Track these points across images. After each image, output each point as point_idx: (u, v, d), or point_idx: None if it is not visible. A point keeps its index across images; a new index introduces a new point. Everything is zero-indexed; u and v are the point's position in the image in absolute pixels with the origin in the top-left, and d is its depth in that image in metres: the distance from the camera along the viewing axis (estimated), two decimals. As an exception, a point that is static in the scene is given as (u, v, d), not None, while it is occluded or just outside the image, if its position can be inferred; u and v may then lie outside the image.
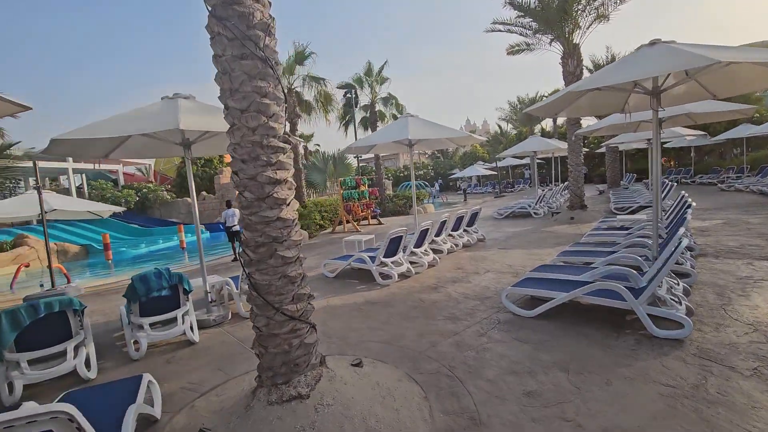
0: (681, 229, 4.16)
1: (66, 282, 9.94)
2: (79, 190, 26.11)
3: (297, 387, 2.62)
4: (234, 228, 10.44)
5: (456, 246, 8.47)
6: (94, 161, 26.76)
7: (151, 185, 26.41)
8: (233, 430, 2.55)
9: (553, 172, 20.79)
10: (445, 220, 8.35)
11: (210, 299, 5.37)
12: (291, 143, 2.69)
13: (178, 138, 4.96)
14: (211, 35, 2.54)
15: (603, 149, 22.12)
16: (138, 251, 17.82)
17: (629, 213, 11.57)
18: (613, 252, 5.81)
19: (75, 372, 3.79)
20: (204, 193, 24.44)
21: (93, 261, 16.24)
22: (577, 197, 12.29)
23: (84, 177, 28.00)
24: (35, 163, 8.31)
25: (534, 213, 13.38)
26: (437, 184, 36.05)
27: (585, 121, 15.04)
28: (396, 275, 6.40)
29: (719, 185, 17.21)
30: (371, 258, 6.56)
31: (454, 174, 37.13)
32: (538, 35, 12.94)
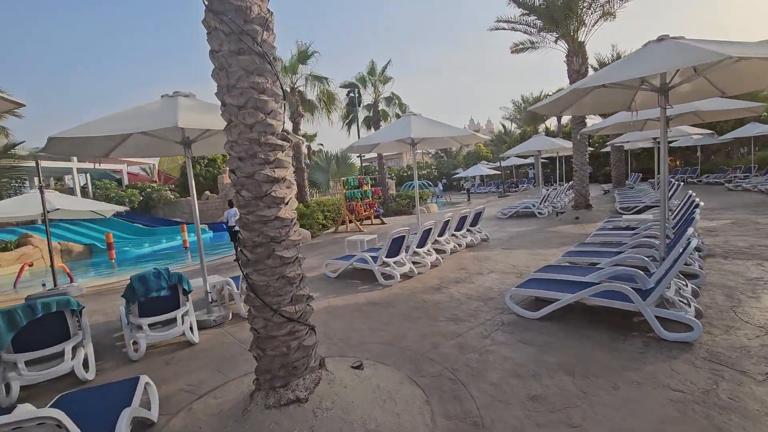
0: (690, 229, 4.07)
1: (69, 281, 9.95)
2: (84, 189, 26.22)
3: (295, 391, 2.56)
4: (236, 228, 10.43)
5: (459, 246, 8.39)
6: (98, 161, 26.82)
7: (155, 185, 26.47)
8: (230, 434, 2.50)
9: (558, 171, 20.61)
10: (449, 219, 8.27)
11: (210, 299, 5.32)
12: (290, 141, 2.62)
13: (178, 137, 4.91)
14: (208, 30, 2.48)
15: (608, 148, 21.97)
16: (141, 251, 17.85)
17: (635, 213, 11.43)
18: (619, 252, 5.72)
19: (73, 373, 3.74)
20: (207, 193, 24.47)
21: (96, 260, 16.27)
22: (582, 197, 12.16)
23: (88, 176, 28.11)
24: (38, 163, 8.31)
25: (538, 213, 13.27)
26: (441, 183, 35.93)
27: (589, 120, 14.89)
28: (398, 275, 6.33)
29: (726, 185, 17.01)
30: (373, 258, 6.49)
31: (457, 174, 37.01)
32: (542, 33, 12.82)
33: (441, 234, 8.09)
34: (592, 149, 20.92)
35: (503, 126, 38.12)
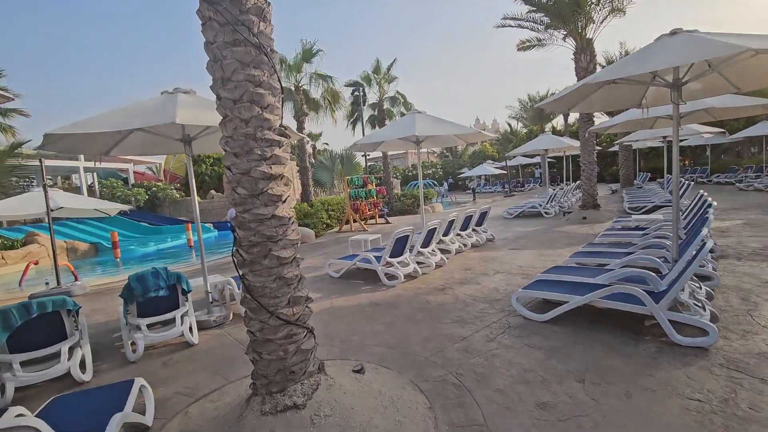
0: (704, 230, 3.92)
1: (73, 280, 9.93)
2: (91, 188, 26.35)
3: (292, 396, 2.46)
4: None
5: (464, 246, 8.25)
6: (100, 159, 26.97)
7: (161, 184, 26.55)
8: (225, 441, 2.40)
9: (565, 171, 20.36)
10: (454, 219, 8.13)
11: (211, 299, 5.24)
12: (287, 136, 2.52)
13: (178, 134, 4.83)
14: (202, 20, 2.38)
15: (616, 148, 21.69)
16: (146, 249, 17.86)
17: (644, 213, 11.23)
18: (629, 253, 5.57)
19: (69, 374, 3.67)
20: (212, 192, 24.48)
21: (102, 259, 16.30)
22: (590, 196, 11.96)
23: (95, 175, 28.28)
24: (41, 161, 8.30)
25: (545, 213, 13.09)
26: (446, 183, 35.72)
27: (596, 119, 14.67)
28: (402, 276, 6.22)
29: (737, 185, 16.70)
30: (377, 258, 6.38)
31: (463, 173, 36.79)
32: (549, 30, 12.63)
33: (446, 234, 7.96)
34: (599, 148, 20.66)
35: (509, 125, 37.86)
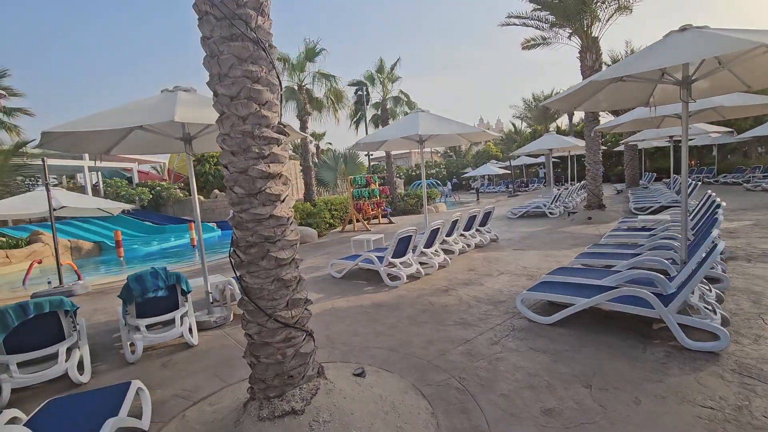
0: (715, 230, 3.82)
1: (77, 279, 9.92)
2: (95, 187, 26.45)
3: (291, 401, 2.39)
4: None
5: (468, 246, 8.17)
6: (109, 159, 27.08)
7: (165, 183, 26.60)
8: (221, 447, 2.34)
9: (569, 170, 20.21)
10: (457, 219, 8.05)
11: (211, 300, 5.19)
12: (286, 134, 2.45)
13: (178, 132, 4.78)
14: (199, 15, 2.32)
15: (621, 147, 21.49)
16: (150, 248, 17.88)
17: (650, 213, 11.09)
18: (636, 254, 5.46)
19: (67, 375, 3.62)
20: (216, 191, 24.50)
21: (105, 258, 16.33)
22: (595, 196, 11.84)
23: (99, 175, 28.38)
24: (44, 160, 8.29)
25: (549, 213, 12.97)
26: (449, 182, 35.58)
27: (602, 119, 14.49)
28: (405, 276, 6.14)
29: (745, 185, 16.47)
30: (379, 258, 6.31)
31: (466, 173, 36.64)
32: (555, 29, 12.52)
33: (449, 234, 7.88)
34: (604, 148, 20.44)
35: (513, 125, 37.65)
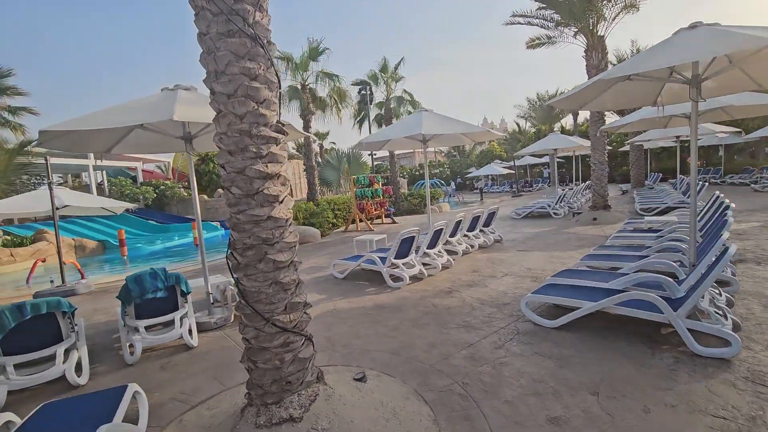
0: (725, 233, 3.72)
1: (80, 278, 9.92)
2: (100, 186, 26.55)
3: (288, 408, 2.33)
4: None
5: (471, 247, 8.08)
6: (113, 157, 27.15)
7: (169, 182, 26.66)
8: (217, 454, 2.28)
9: (574, 170, 20.04)
10: (461, 219, 7.97)
11: (212, 300, 5.14)
12: (285, 133, 2.39)
13: (179, 131, 4.74)
14: (195, 11, 2.26)
15: (626, 147, 21.30)
16: (153, 247, 17.90)
17: (656, 214, 10.96)
18: (643, 257, 5.37)
19: (65, 377, 3.58)
20: (220, 191, 24.50)
21: (109, 257, 16.36)
22: (600, 197, 11.70)
23: (104, 174, 28.50)
24: (47, 159, 8.28)
25: (554, 213, 12.85)
26: (453, 182, 35.44)
27: (606, 118, 14.34)
28: (407, 278, 6.07)
29: (752, 186, 16.27)
30: (382, 259, 6.24)
31: (470, 173, 36.49)
32: (560, 27, 12.38)
33: (453, 234, 7.80)
34: (610, 148, 20.26)
35: (517, 124, 37.47)
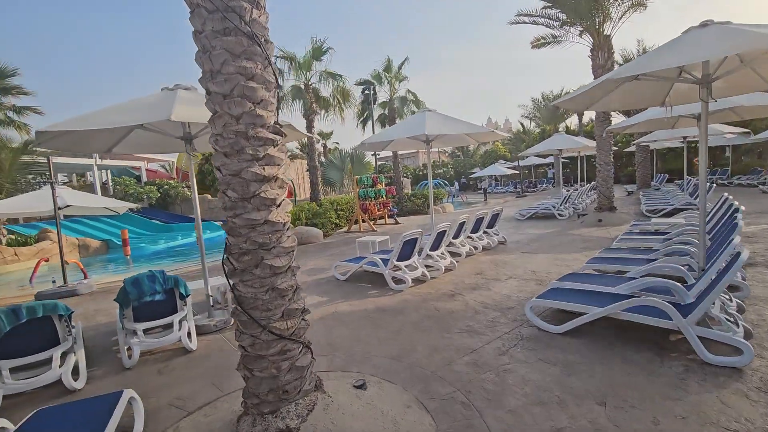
0: (736, 237, 3.62)
1: (83, 277, 9.92)
2: (104, 185, 26.65)
3: (285, 418, 2.26)
4: None
5: (475, 249, 7.99)
6: (117, 157, 27.25)
7: (173, 182, 26.71)
8: (212, 465, 2.22)
9: (579, 171, 19.89)
10: (464, 221, 7.88)
11: (212, 302, 5.09)
12: (282, 135, 2.32)
13: (179, 131, 4.69)
14: (190, 7, 2.19)
15: (632, 148, 21.11)
16: (156, 247, 17.92)
17: (663, 216, 10.82)
18: (650, 260, 5.26)
19: (61, 381, 3.53)
20: (223, 191, 24.53)
21: (112, 256, 16.39)
22: (606, 198, 11.57)
23: (109, 173, 28.61)
24: (49, 159, 8.26)
25: (558, 214, 12.72)
26: (457, 183, 35.32)
27: (612, 119, 14.19)
28: (410, 280, 5.99)
29: (760, 187, 16.06)
30: (384, 261, 6.17)
31: (474, 173, 36.35)
32: (565, 27, 12.26)
33: (456, 236, 7.71)
34: (615, 149, 20.08)
35: (522, 124, 37.27)
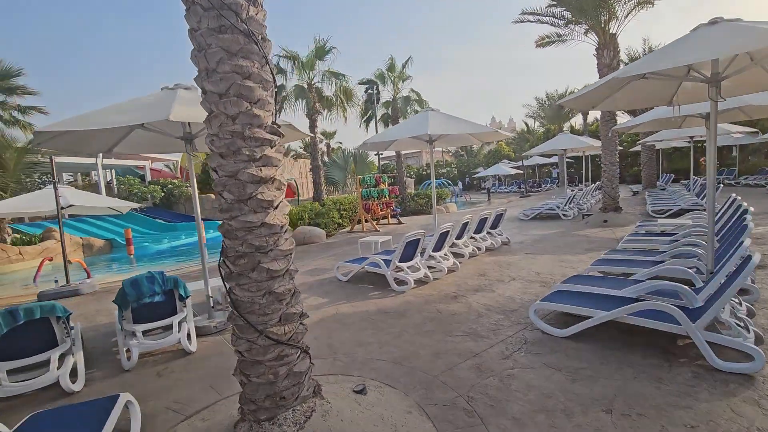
0: (747, 239, 3.53)
1: (86, 277, 9.92)
2: (109, 185, 26.76)
3: (282, 425, 2.20)
4: None
5: (478, 250, 7.91)
6: (121, 156, 27.34)
7: (177, 181, 26.77)
8: (207, 473, 2.16)
9: (584, 171, 19.73)
10: (467, 221, 7.80)
11: (212, 303, 5.04)
12: (280, 135, 2.26)
13: (179, 131, 4.65)
14: (186, 5, 2.14)
15: (638, 147, 20.93)
16: (160, 246, 17.97)
17: (669, 216, 10.69)
18: (657, 262, 5.17)
19: (59, 383, 3.50)
20: (226, 190, 24.54)
21: (116, 255, 16.43)
22: (611, 198, 11.45)
23: (113, 172, 28.73)
24: (51, 158, 8.28)
25: (563, 215, 12.61)
26: (460, 182, 35.21)
27: (617, 118, 14.04)
28: (412, 281, 5.92)
29: (768, 187, 15.88)
30: (386, 262, 6.11)
31: (478, 173, 36.22)
32: (570, 25, 12.15)
33: (459, 237, 7.63)
34: (620, 148, 19.90)
35: (526, 124, 37.11)
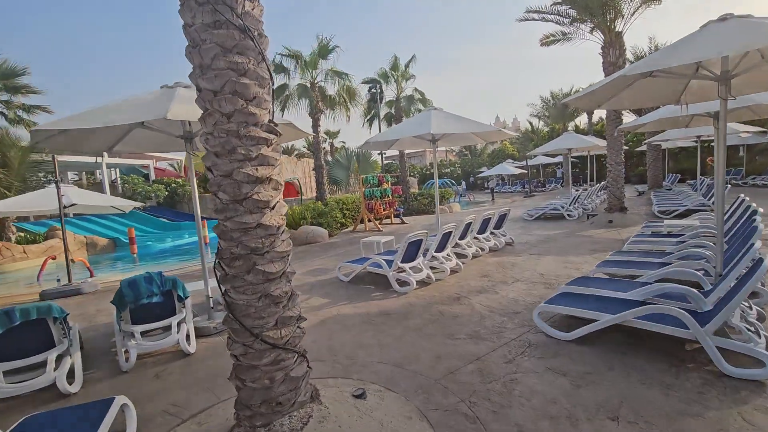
0: (757, 241, 3.44)
1: (89, 276, 9.92)
2: (113, 184, 26.86)
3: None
4: None
5: (482, 250, 7.83)
6: (125, 155, 27.44)
7: (180, 180, 26.84)
8: (201, 480, 2.11)
9: (589, 171, 19.57)
10: (471, 221, 7.72)
11: (212, 304, 5.00)
12: (277, 134, 2.20)
13: (179, 130, 4.60)
14: (181, 0, 2.08)
15: (643, 147, 20.73)
16: (163, 245, 18.00)
17: (675, 217, 10.55)
18: (663, 264, 5.08)
19: (56, 385, 3.46)
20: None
21: (119, 254, 16.48)
22: (617, 199, 11.32)
23: (117, 171, 28.84)
24: (54, 157, 8.28)
25: (567, 215, 12.49)
26: (464, 182, 35.08)
27: (623, 118, 13.89)
28: (414, 282, 5.85)
29: (776, 187, 15.68)
30: (388, 262, 6.05)
31: (482, 172, 36.07)
32: (575, 24, 12.02)
33: (462, 237, 7.55)
34: (626, 148, 19.73)
35: (530, 123, 36.90)
